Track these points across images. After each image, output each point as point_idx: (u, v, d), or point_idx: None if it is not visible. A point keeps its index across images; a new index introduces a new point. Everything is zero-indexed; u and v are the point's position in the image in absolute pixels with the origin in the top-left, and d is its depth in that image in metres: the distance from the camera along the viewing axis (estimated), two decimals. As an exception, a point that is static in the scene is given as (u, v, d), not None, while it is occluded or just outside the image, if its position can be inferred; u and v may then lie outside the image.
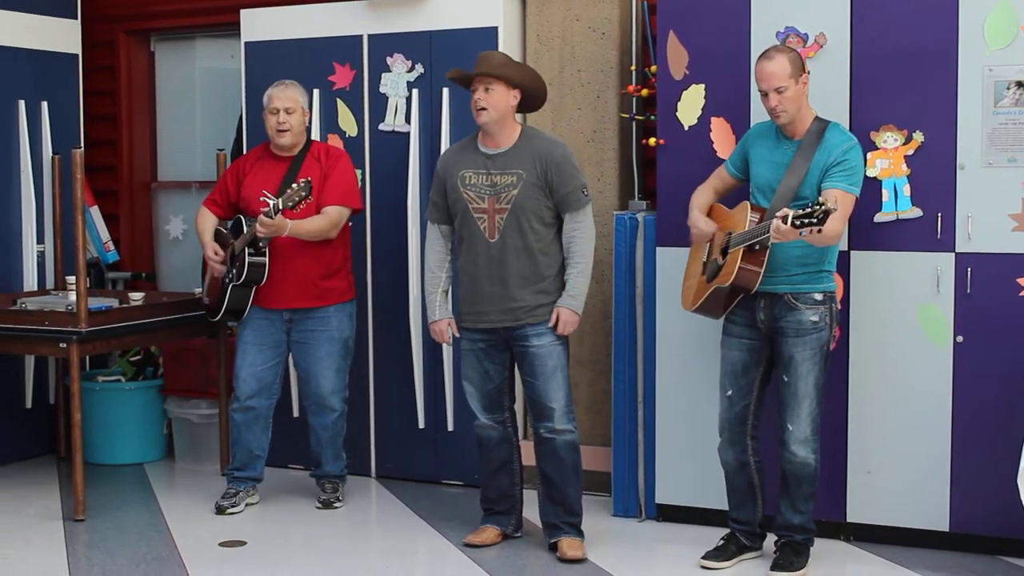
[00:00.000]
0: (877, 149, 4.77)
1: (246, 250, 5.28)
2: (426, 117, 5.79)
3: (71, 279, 5.63)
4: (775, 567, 4.61)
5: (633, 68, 5.60)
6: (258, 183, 5.40)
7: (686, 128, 5.09)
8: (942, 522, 4.80)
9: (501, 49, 5.53)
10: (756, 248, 4.40)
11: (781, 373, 4.56)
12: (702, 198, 4.74)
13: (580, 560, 4.77)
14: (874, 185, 4.75)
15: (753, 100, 4.88)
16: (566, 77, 5.72)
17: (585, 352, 5.70)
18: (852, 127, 4.71)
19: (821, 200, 4.14)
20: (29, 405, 6.43)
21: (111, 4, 7.02)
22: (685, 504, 5.21)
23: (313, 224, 5.27)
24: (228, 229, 5.45)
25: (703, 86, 5.05)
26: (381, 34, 5.85)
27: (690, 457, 5.14)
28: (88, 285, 5.48)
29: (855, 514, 4.93)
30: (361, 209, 5.54)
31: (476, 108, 4.75)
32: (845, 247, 4.80)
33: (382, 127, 5.89)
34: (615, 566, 4.76)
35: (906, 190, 4.74)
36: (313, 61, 5.96)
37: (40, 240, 6.41)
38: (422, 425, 5.91)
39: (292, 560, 4.92)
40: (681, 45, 5.07)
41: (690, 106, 5.08)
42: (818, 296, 4.50)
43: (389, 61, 5.84)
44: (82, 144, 6.64)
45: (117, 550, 4.99)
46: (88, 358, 6.63)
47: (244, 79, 6.16)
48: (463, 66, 4.92)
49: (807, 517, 4.63)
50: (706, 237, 4.66)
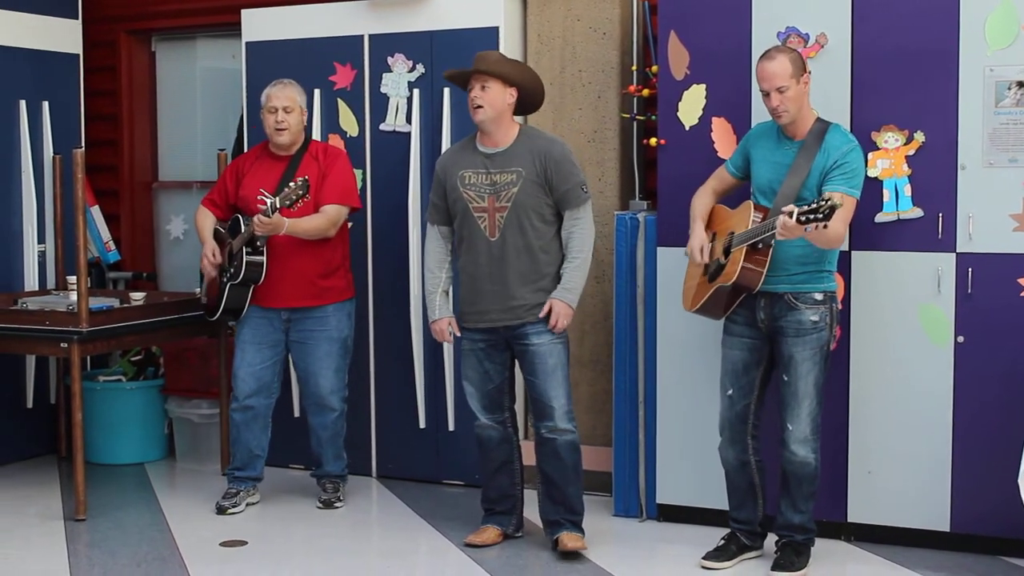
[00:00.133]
0: (878, 149, 4.77)
1: (244, 249, 5.28)
2: (427, 117, 5.79)
3: (72, 279, 5.63)
4: (776, 567, 4.61)
5: (634, 68, 5.60)
6: (256, 182, 5.40)
7: (687, 128, 5.09)
8: (943, 522, 4.80)
9: (502, 49, 5.53)
10: (759, 247, 4.40)
11: (781, 373, 4.56)
12: (702, 204, 4.72)
13: (581, 550, 4.78)
14: (875, 185, 4.75)
15: (754, 100, 4.88)
16: (567, 77, 5.72)
17: (586, 352, 5.70)
18: (853, 127, 4.71)
19: (827, 196, 4.14)
20: (30, 405, 6.44)
21: (112, 4, 7.02)
22: (686, 504, 5.21)
23: (311, 223, 5.27)
24: (226, 229, 5.46)
25: (704, 86, 5.05)
26: (382, 34, 5.85)
27: (691, 457, 5.14)
28: (89, 285, 5.47)
29: (856, 514, 4.93)
30: (359, 208, 5.54)
31: (473, 106, 4.75)
32: (846, 247, 4.79)
33: (383, 127, 5.90)
34: (616, 566, 4.75)
35: (907, 190, 4.74)
36: (314, 61, 5.96)
37: (41, 240, 6.41)
38: (423, 425, 5.91)
39: (293, 560, 4.92)
40: (682, 45, 5.07)
41: (691, 106, 5.08)
42: (818, 296, 4.50)
43: (390, 61, 5.84)
44: (83, 144, 6.64)
45: (118, 550, 4.99)
46: (89, 358, 6.62)
47: (245, 79, 6.16)
48: (464, 66, 4.91)
49: (808, 517, 4.63)
50: (696, 259, 4.63)
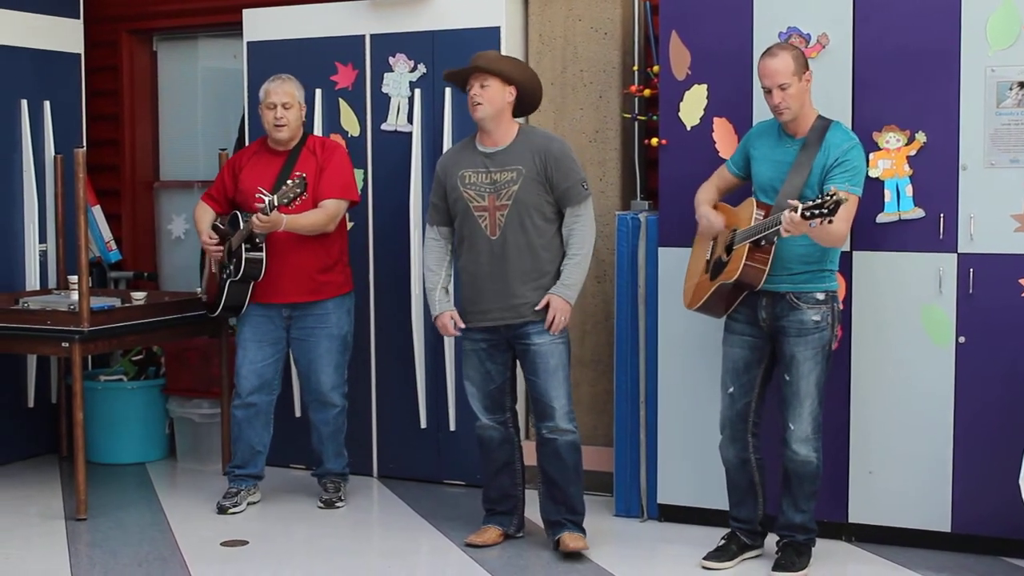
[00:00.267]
0: (879, 149, 4.76)
1: (243, 246, 5.29)
2: (428, 117, 5.79)
3: (73, 278, 5.63)
4: (777, 567, 4.61)
5: (635, 68, 5.60)
6: (254, 177, 5.40)
7: (688, 128, 5.09)
8: (944, 523, 4.80)
9: (504, 49, 5.54)
10: (762, 244, 4.39)
11: (783, 372, 4.56)
12: (706, 195, 4.75)
13: (582, 551, 4.78)
14: (876, 185, 4.75)
15: (755, 100, 4.88)
16: (568, 77, 5.72)
17: (587, 352, 5.70)
18: (854, 127, 4.70)
19: (831, 191, 4.14)
20: (31, 404, 6.44)
21: (113, 4, 7.02)
22: (687, 504, 5.20)
23: (309, 218, 5.27)
24: (225, 224, 5.46)
25: (705, 86, 5.05)
26: (383, 34, 5.85)
27: (692, 457, 5.14)
28: (90, 284, 5.48)
29: (857, 514, 4.93)
30: (358, 202, 5.53)
31: (472, 104, 4.75)
32: (847, 247, 4.79)
33: (384, 127, 5.90)
34: (617, 566, 4.75)
35: (908, 190, 4.74)
36: (315, 61, 5.96)
37: (42, 239, 6.41)
38: (424, 425, 5.91)
39: (294, 560, 4.92)
40: (683, 45, 5.07)
41: (692, 106, 5.08)
42: (820, 295, 4.50)
43: (391, 61, 5.84)
44: (84, 144, 6.64)
45: (119, 550, 4.99)
46: (90, 357, 6.63)
47: (246, 79, 6.15)
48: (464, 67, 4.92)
49: (809, 516, 4.63)
50: (713, 231, 4.66)
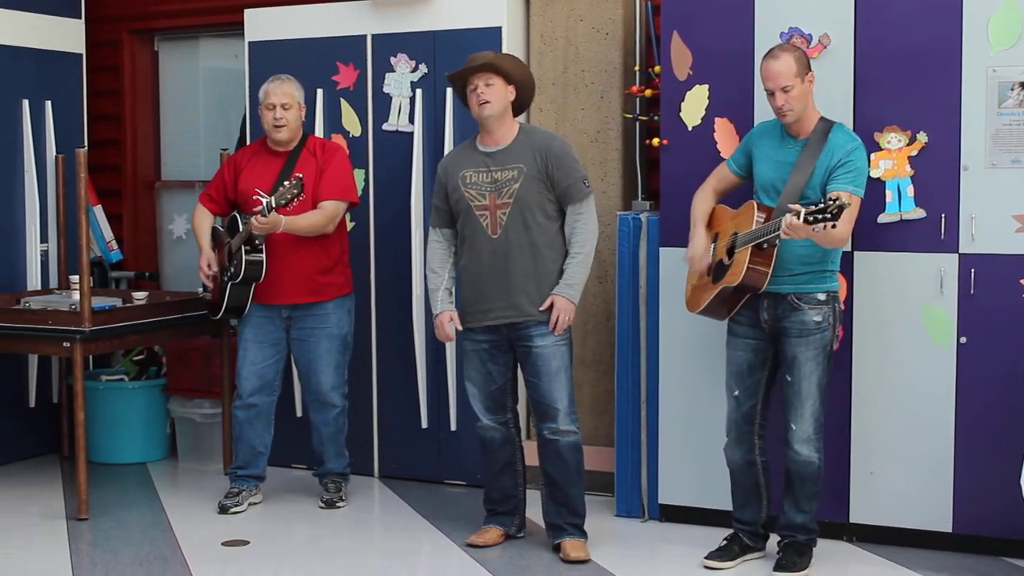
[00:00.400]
0: (881, 150, 4.76)
1: (243, 248, 5.29)
2: (430, 117, 5.79)
3: (74, 278, 5.63)
4: (778, 567, 4.61)
5: (637, 68, 5.60)
6: (254, 178, 5.41)
7: (690, 128, 5.09)
8: (945, 523, 4.80)
9: (505, 49, 5.54)
10: (764, 247, 4.39)
11: (784, 373, 4.56)
12: (703, 206, 4.72)
13: (583, 561, 4.78)
14: (878, 186, 4.75)
15: (757, 100, 4.88)
16: (570, 77, 5.72)
17: (588, 352, 5.70)
18: (856, 128, 4.70)
19: (835, 195, 4.13)
20: (32, 404, 6.44)
21: (115, 4, 7.02)
22: (688, 504, 5.20)
23: (309, 220, 5.27)
24: (224, 227, 5.46)
25: (707, 87, 5.05)
26: (385, 34, 5.86)
27: (693, 457, 5.14)
28: (91, 284, 5.47)
29: (858, 515, 4.93)
30: (357, 204, 5.53)
31: (479, 102, 4.75)
32: (849, 247, 4.79)
33: (386, 127, 5.90)
34: (618, 566, 4.75)
35: (910, 191, 4.74)
36: (317, 61, 5.97)
37: (44, 239, 6.41)
38: (425, 425, 5.91)
39: (295, 559, 4.92)
40: (685, 46, 5.07)
41: (694, 107, 5.08)
42: (821, 296, 4.50)
43: (393, 61, 5.84)
44: (86, 143, 6.64)
45: (120, 549, 4.99)
46: (91, 357, 6.63)
47: (248, 79, 6.15)
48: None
49: (810, 517, 4.63)
50: (694, 266, 4.65)
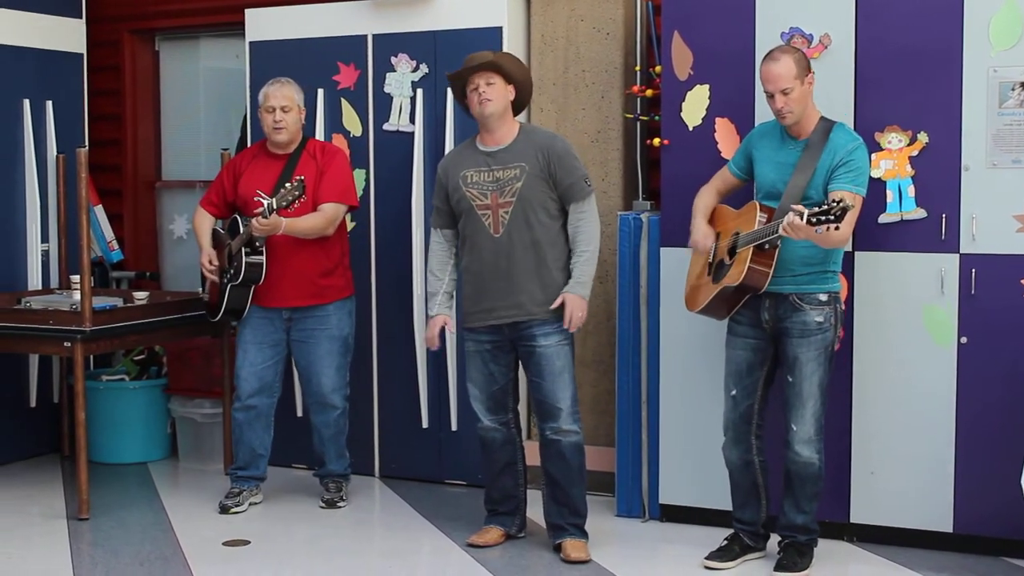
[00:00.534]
0: (882, 150, 4.76)
1: (243, 250, 5.29)
2: (430, 117, 5.79)
3: (75, 278, 5.63)
4: (779, 568, 4.61)
5: (637, 68, 5.60)
6: (254, 181, 5.40)
7: (690, 129, 5.09)
8: (945, 523, 4.80)
9: (506, 49, 5.53)
10: (766, 247, 4.39)
11: (786, 373, 4.56)
12: (705, 200, 4.74)
13: (584, 562, 4.78)
14: (878, 186, 4.75)
15: (758, 101, 4.88)
16: (570, 77, 5.72)
17: (589, 352, 5.70)
18: (857, 128, 4.70)
19: (838, 197, 4.13)
20: (33, 404, 6.44)
21: (116, 4, 7.02)
22: (689, 504, 5.20)
23: (309, 222, 5.27)
24: (224, 229, 5.46)
25: (707, 87, 5.05)
26: (385, 34, 5.85)
27: (694, 457, 5.14)
28: (92, 284, 5.47)
29: (858, 515, 4.93)
30: (357, 206, 5.53)
31: (481, 101, 4.74)
32: (850, 248, 4.79)
33: (386, 127, 5.90)
34: (618, 566, 4.75)
35: (910, 191, 4.74)
36: (317, 61, 5.97)
37: (44, 239, 6.41)
38: (426, 425, 5.91)
39: (295, 559, 4.93)
40: (685, 45, 5.07)
41: (694, 107, 5.08)
42: (823, 297, 4.50)
43: (394, 61, 5.84)
44: (87, 143, 6.64)
45: (121, 549, 4.99)
46: (92, 357, 6.63)
47: (248, 79, 6.15)
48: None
49: (811, 517, 4.63)
50: (699, 249, 4.66)
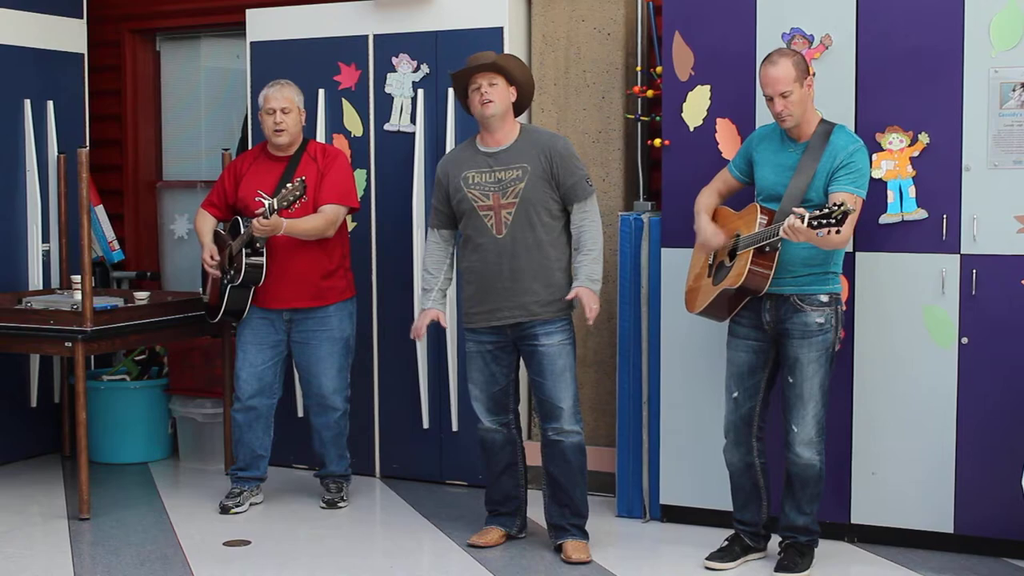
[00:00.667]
0: (883, 151, 4.76)
1: (243, 251, 5.29)
2: (431, 117, 5.79)
3: (76, 278, 5.63)
4: (780, 568, 4.61)
5: (638, 69, 5.60)
6: (255, 183, 5.40)
7: (691, 129, 5.09)
8: (946, 524, 4.80)
9: (507, 50, 5.54)
10: (766, 250, 4.39)
11: (786, 374, 4.56)
12: (706, 200, 4.74)
13: (585, 563, 4.78)
14: (879, 186, 4.75)
15: (759, 101, 4.88)
16: (571, 78, 5.72)
17: (589, 353, 5.70)
18: (857, 128, 4.71)
19: (840, 200, 4.13)
20: (34, 404, 6.45)
21: (117, 3, 7.02)
22: (689, 505, 5.21)
23: (309, 223, 5.27)
24: (226, 230, 5.46)
25: (708, 87, 5.05)
26: (386, 34, 5.86)
27: (694, 458, 5.14)
28: (93, 284, 5.48)
29: (859, 515, 4.93)
30: (358, 208, 5.54)
31: (483, 102, 4.74)
32: (850, 248, 4.79)
33: (387, 127, 5.90)
34: (619, 567, 4.75)
35: (911, 192, 4.74)
36: (318, 61, 5.97)
37: (45, 239, 6.41)
38: (426, 425, 5.91)
39: (296, 560, 4.92)
40: (686, 46, 5.07)
41: (695, 107, 5.08)
42: (824, 298, 4.50)
43: (394, 61, 5.85)
44: (87, 143, 6.65)
45: (121, 549, 5.00)
46: (93, 357, 6.63)
47: (249, 79, 6.16)
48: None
49: (811, 519, 4.63)
50: (710, 247, 4.65)
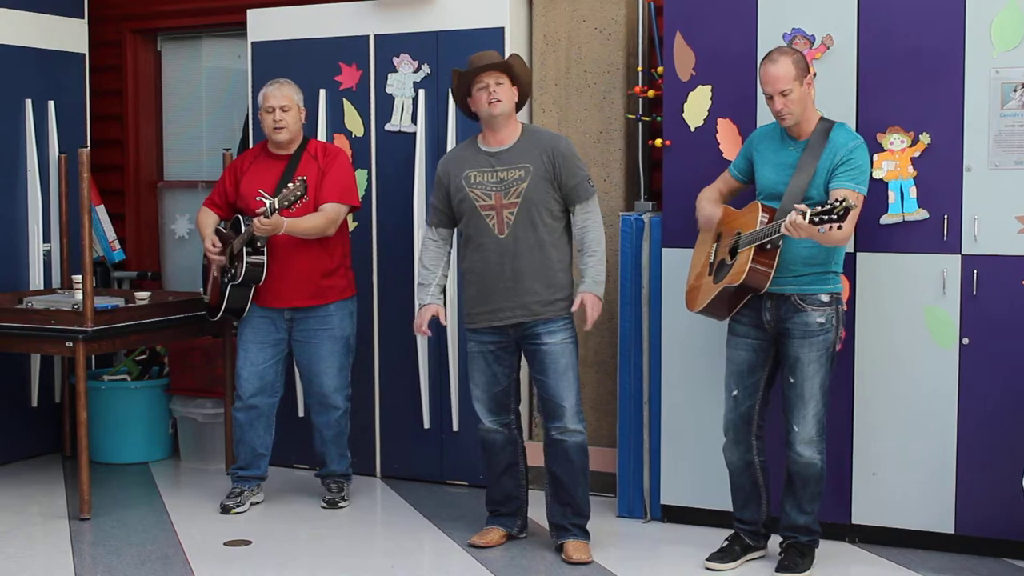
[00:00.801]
0: (884, 151, 4.76)
1: (244, 250, 5.29)
2: (432, 117, 5.79)
3: (77, 278, 5.63)
4: (780, 568, 4.61)
5: (639, 69, 5.60)
6: (256, 182, 5.40)
7: (692, 129, 5.09)
8: (947, 524, 4.80)
9: (507, 50, 5.54)
10: (768, 247, 4.39)
11: (787, 374, 4.56)
12: (709, 195, 4.76)
13: (586, 563, 4.78)
14: (880, 187, 4.75)
15: (760, 102, 4.88)
16: (572, 78, 5.72)
17: (590, 353, 5.70)
18: (859, 128, 4.71)
19: (841, 196, 4.13)
20: (35, 404, 6.45)
21: (118, 3, 7.02)
22: (690, 505, 5.20)
23: (310, 222, 5.27)
24: (227, 228, 5.46)
25: (709, 87, 5.05)
26: (387, 34, 5.86)
27: (695, 458, 5.14)
28: (94, 284, 5.48)
29: (860, 516, 4.93)
30: (359, 207, 5.54)
31: (491, 100, 4.74)
32: (851, 248, 4.79)
33: (388, 127, 5.90)
34: (619, 567, 4.75)
35: (912, 192, 4.74)
36: (319, 61, 5.97)
37: (46, 239, 6.41)
38: (427, 425, 5.91)
39: (297, 559, 4.92)
40: (688, 46, 5.07)
41: (696, 107, 5.08)
42: (825, 297, 4.50)
43: (395, 61, 5.85)
44: (88, 143, 6.65)
45: (122, 549, 5.00)
46: (93, 357, 6.63)
47: (250, 79, 6.16)
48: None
49: (812, 518, 4.63)
50: (712, 223, 4.66)
